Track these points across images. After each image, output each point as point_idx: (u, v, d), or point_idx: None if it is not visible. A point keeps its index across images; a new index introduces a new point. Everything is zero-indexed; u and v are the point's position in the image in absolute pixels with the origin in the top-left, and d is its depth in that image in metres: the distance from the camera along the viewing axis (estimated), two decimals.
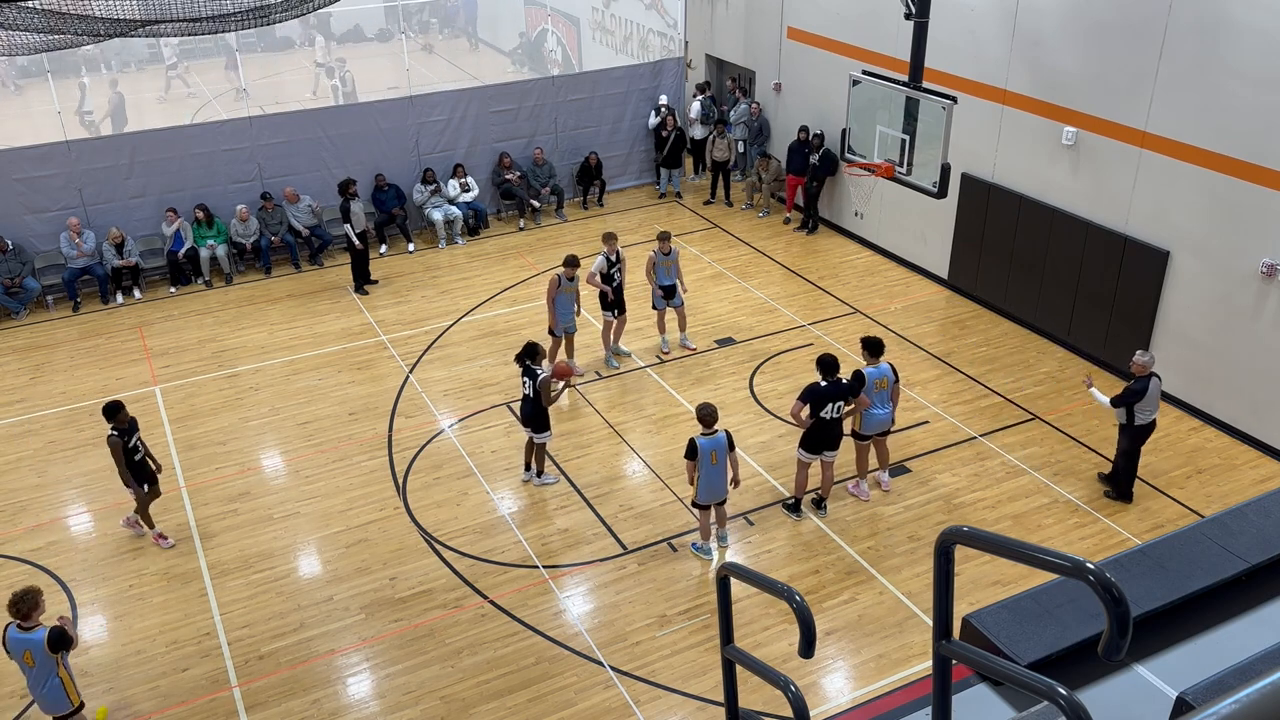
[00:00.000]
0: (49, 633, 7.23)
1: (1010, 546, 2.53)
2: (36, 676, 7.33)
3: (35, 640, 7.23)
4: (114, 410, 9.57)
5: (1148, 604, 5.56)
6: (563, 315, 12.40)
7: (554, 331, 12.53)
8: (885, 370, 10.13)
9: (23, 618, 7.26)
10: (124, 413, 9.63)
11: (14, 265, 14.50)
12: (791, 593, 3.64)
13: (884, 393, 10.12)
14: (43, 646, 7.21)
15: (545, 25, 25.53)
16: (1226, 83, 10.67)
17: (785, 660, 8.40)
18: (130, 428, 9.70)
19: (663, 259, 12.73)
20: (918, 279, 15.37)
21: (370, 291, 15.23)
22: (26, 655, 7.26)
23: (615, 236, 12.69)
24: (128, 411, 9.72)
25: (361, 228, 15.00)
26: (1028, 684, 2.55)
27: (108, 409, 9.59)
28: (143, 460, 9.82)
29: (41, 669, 7.29)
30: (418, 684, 8.44)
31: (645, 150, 18.94)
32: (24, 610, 7.24)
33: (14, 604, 7.23)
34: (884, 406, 10.14)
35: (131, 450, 9.66)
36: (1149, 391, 9.80)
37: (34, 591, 7.32)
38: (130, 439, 9.66)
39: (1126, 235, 12.11)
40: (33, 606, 7.26)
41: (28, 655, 7.26)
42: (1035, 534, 10.04)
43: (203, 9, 7.60)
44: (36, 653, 7.23)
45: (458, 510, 10.51)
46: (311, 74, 25.15)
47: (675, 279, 12.88)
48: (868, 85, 12.07)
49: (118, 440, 9.53)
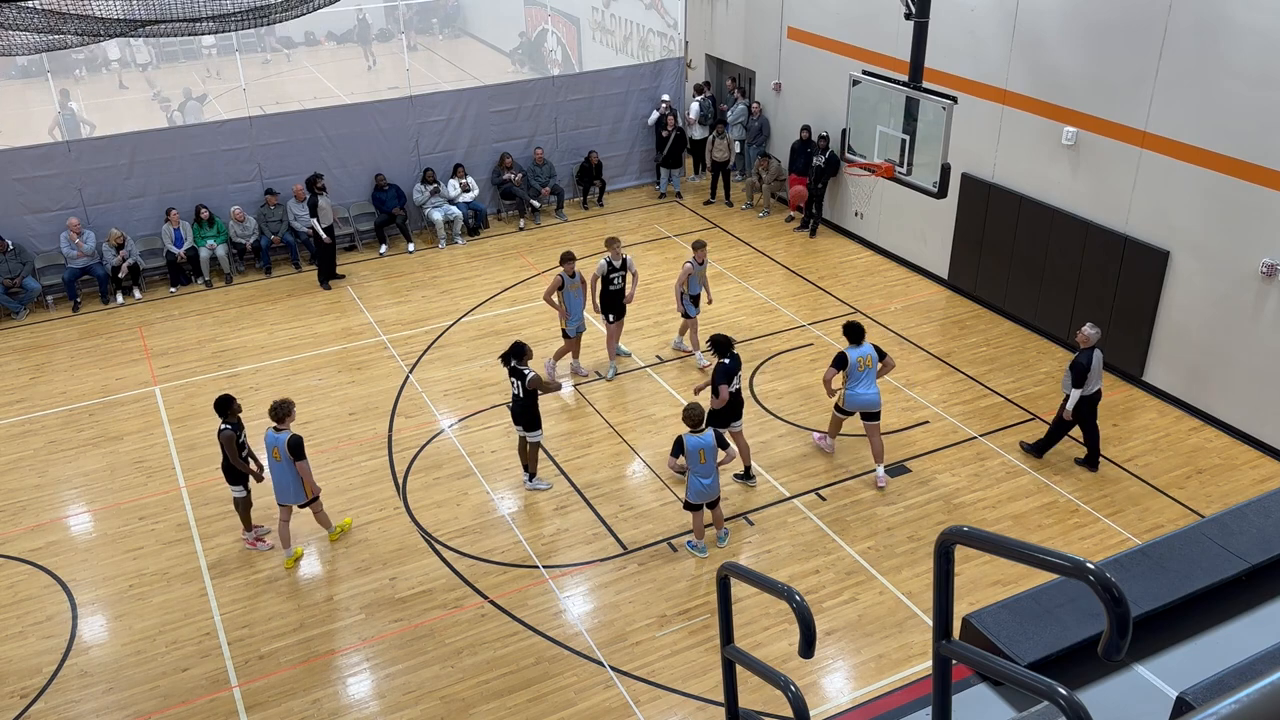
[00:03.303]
0: (290, 438, 9.21)
1: (1010, 546, 2.53)
2: (281, 470, 9.35)
3: (282, 440, 9.24)
4: (226, 404, 9.45)
5: (1148, 604, 5.56)
6: (574, 314, 12.27)
7: (567, 332, 12.45)
8: (868, 349, 10.39)
9: (279, 420, 9.25)
10: (236, 405, 9.53)
11: (14, 265, 14.50)
12: (791, 593, 3.64)
13: (869, 371, 10.31)
14: (285, 446, 9.20)
15: (545, 25, 25.55)
16: (1226, 83, 10.67)
17: (785, 660, 8.40)
18: (240, 421, 9.61)
19: (698, 268, 12.51)
20: (918, 279, 15.37)
21: (334, 287, 15.28)
22: (275, 451, 9.27)
23: (618, 241, 12.40)
24: (239, 404, 9.62)
25: (329, 222, 15.03)
26: (1028, 684, 2.55)
27: (220, 403, 9.45)
28: (246, 459, 9.71)
29: (285, 463, 9.28)
30: (418, 684, 8.44)
31: (645, 150, 18.94)
32: (280, 415, 9.25)
33: (273, 410, 9.26)
34: (870, 386, 10.35)
35: (240, 446, 9.58)
36: (1093, 363, 10.27)
37: (289, 402, 9.36)
38: (241, 434, 9.58)
39: (1126, 235, 12.11)
40: (286, 414, 9.27)
41: (275, 451, 9.28)
42: (1035, 534, 10.04)
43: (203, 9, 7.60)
44: (282, 450, 9.24)
45: (458, 510, 10.51)
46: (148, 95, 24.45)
47: (702, 287, 12.73)
48: (868, 85, 12.07)
49: (231, 434, 9.43)
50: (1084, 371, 10.29)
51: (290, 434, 9.30)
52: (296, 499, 9.54)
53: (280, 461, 9.29)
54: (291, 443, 9.24)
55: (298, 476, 9.38)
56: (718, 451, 9.41)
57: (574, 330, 12.39)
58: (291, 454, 9.25)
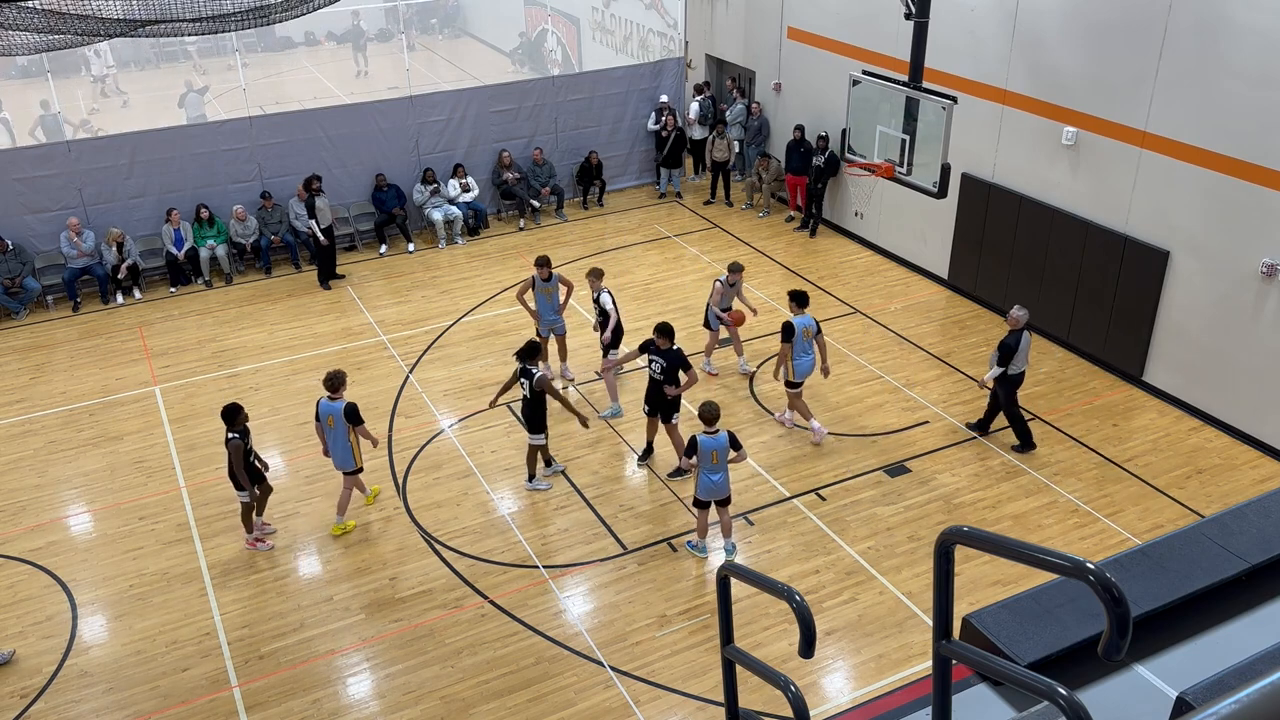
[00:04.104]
0: (346, 405, 9.63)
1: (1010, 546, 2.53)
2: (334, 436, 9.76)
3: (337, 409, 9.66)
4: (234, 412, 9.44)
5: (1148, 604, 5.56)
6: (543, 316, 12.24)
7: (539, 332, 12.42)
8: (810, 320, 11.13)
9: (333, 390, 9.65)
10: (243, 414, 9.53)
11: (14, 265, 14.51)
12: (791, 593, 3.64)
13: (810, 341, 11.14)
14: (341, 414, 9.63)
15: (545, 25, 25.55)
16: (1226, 82, 10.67)
17: (785, 660, 8.40)
18: (247, 429, 9.60)
19: (728, 289, 12.40)
20: (918, 279, 15.37)
21: (334, 287, 15.28)
22: (329, 419, 9.69)
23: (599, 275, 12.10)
24: (246, 413, 9.63)
25: (327, 223, 15.03)
26: (1028, 684, 2.55)
27: (227, 411, 9.44)
28: (253, 464, 9.72)
29: (339, 430, 9.71)
30: (418, 684, 8.44)
31: (645, 150, 18.95)
32: (334, 385, 9.65)
33: (328, 380, 9.68)
34: (810, 354, 11.16)
35: (248, 452, 9.57)
36: (1021, 345, 10.70)
37: (342, 373, 9.78)
38: (248, 440, 9.58)
39: (1126, 235, 12.11)
40: (340, 383, 9.68)
41: (330, 419, 9.69)
42: (1035, 534, 10.04)
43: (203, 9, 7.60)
44: (337, 418, 9.66)
45: (458, 510, 10.51)
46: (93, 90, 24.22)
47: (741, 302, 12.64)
48: (868, 85, 12.07)
49: (239, 443, 9.41)
50: (1011, 352, 10.71)
51: (345, 402, 9.72)
52: (347, 464, 9.92)
53: (334, 428, 9.70)
54: (348, 410, 9.69)
55: (348, 443, 9.80)
56: (729, 452, 9.38)
57: (546, 331, 12.35)
58: (349, 420, 9.68)
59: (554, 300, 12.21)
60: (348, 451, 9.86)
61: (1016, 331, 10.74)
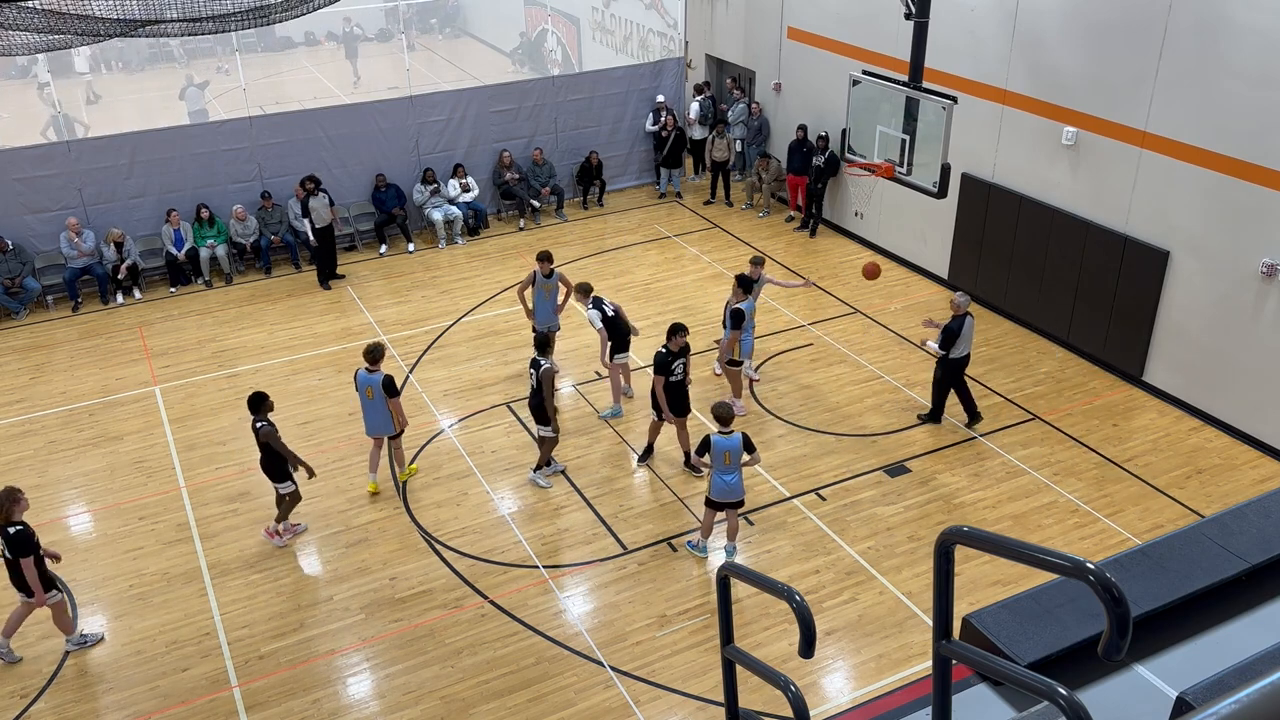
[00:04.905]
0: (384, 378, 10.06)
1: (1010, 546, 2.53)
2: (373, 406, 10.18)
3: (376, 380, 10.06)
4: (260, 400, 9.52)
5: (1148, 604, 5.56)
6: (539, 313, 12.25)
7: (535, 328, 12.43)
8: (753, 305, 11.79)
9: (372, 362, 10.03)
10: (269, 401, 9.60)
11: (14, 265, 14.51)
12: (791, 593, 3.64)
13: (753, 321, 11.85)
14: (380, 386, 10.02)
15: (545, 25, 25.55)
16: (1226, 82, 10.67)
17: (785, 660, 8.40)
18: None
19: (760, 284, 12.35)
20: (918, 279, 15.37)
21: (334, 287, 15.29)
22: (368, 390, 10.10)
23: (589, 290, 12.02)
24: (271, 401, 9.69)
25: (324, 223, 15.02)
26: (1028, 684, 2.55)
27: (254, 399, 9.52)
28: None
29: (378, 401, 10.13)
30: (418, 684, 8.44)
31: (645, 150, 18.95)
32: (374, 358, 10.02)
33: (368, 352, 10.03)
34: (749, 332, 11.81)
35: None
36: (964, 329, 11.02)
37: (382, 346, 10.16)
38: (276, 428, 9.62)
39: (1126, 235, 12.11)
40: (380, 356, 10.06)
41: (369, 390, 10.09)
42: (1035, 534, 10.04)
43: (203, 9, 7.60)
44: (376, 390, 10.06)
45: (458, 510, 10.51)
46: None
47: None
48: (868, 85, 12.07)
49: (271, 429, 9.47)
50: (954, 337, 11.03)
51: (383, 375, 10.09)
52: (387, 430, 10.36)
53: (373, 399, 10.13)
54: (386, 382, 10.07)
55: (388, 412, 10.19)
56: (743, 454, 9.34)
57: (542, 328, 12.34)
58: (386, 392, 10.06)
59: (553, 298, 12.22)
60: (387, 419, 10.26)
61: (959, 317, 11.02)
